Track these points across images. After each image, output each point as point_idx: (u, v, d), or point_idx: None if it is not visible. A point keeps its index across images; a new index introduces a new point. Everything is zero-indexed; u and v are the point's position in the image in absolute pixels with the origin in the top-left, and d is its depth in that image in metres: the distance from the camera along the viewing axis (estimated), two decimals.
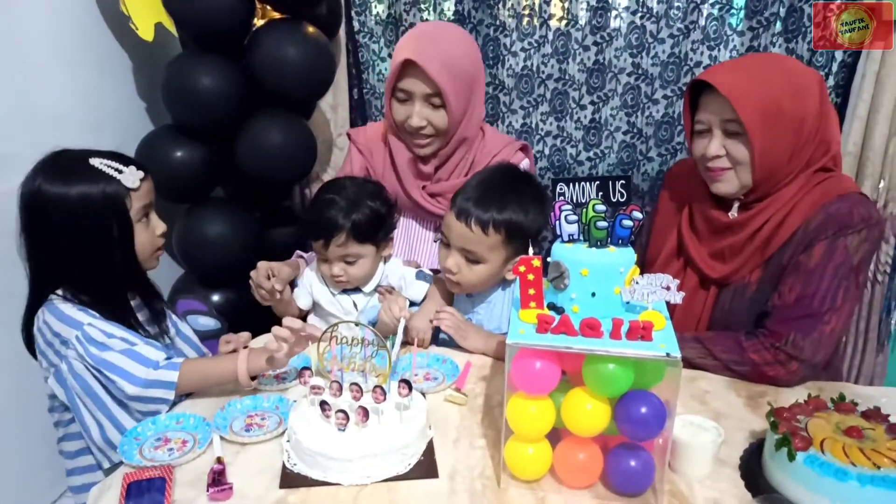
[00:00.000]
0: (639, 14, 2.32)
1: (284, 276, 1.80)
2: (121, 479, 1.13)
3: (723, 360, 1.47)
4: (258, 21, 2.31)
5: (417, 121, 1.75)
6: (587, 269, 1.08)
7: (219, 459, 1.17)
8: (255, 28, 2.22)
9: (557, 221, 1.14)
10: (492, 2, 2.40)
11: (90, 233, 1.38)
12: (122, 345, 1.38)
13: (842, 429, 1.08)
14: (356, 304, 1.80)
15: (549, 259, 1.14)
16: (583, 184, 1.20)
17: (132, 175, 1.40)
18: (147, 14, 2.13)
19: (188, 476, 1.16)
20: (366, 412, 1.15)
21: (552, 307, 1.12)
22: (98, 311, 1.41)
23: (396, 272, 1.79)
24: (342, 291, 1.79)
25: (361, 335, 1.24)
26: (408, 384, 1.17)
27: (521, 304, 1.12)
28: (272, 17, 2.30)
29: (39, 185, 1.37)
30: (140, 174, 1.42)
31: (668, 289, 1.06)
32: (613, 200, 1.20)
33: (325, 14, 2.36)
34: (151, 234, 1.48)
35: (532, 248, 1.17)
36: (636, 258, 1.15)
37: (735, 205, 1.57)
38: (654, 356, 0.99)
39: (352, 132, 2.02)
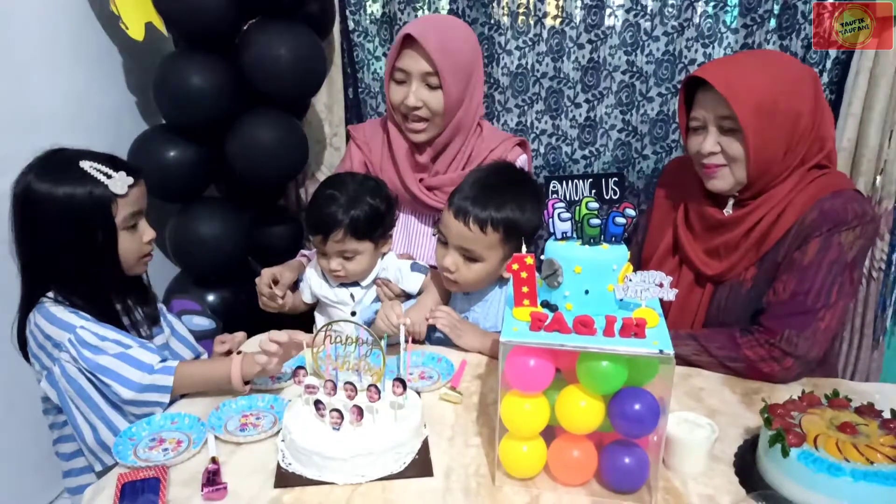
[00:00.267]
0: (633, 12, 2.32)
1: (286, 282, 1.82)
2: (115, 480, 1.13)
3: (718, 357, 1.47)
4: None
5: (413, 100, 1.76)
6: (580, 267, 1.08)
7: (213, 459, 1.17)
8: (246, 27, 2.21)
9: (551, 219, 1.14)
10: (486, 0, 2.40)
11: (73, 235, 1.37)
12: (117, 348, 1.38)
13: (835, 425, 1.09)
14: (353, 296, 1.81)
15: (543, 257, 1.14)
16: (576, 181, 1.20)
17: (121, 181, 1.38)
18: (137, 14, 2.12)
19: (183, 476, 1.16)
20: (360, 411, 1.15)
21: (546, 305, 1.12)
22: (89, 313, 1.41)
23: (392, 265, 1.80)
24: (340, 284, 1.81)
25: (356, 334, 1.24)
26: (402, 383, 1.17)
27: (515, 302, 1.12)
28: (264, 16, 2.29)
29: (29, 182, 1.37)
30: (129, 180, 1.40)
31: (662, 286, 1.06)
32: (606, 198, 1.21)
33: (318, 13, 2.35)
34: (138, 242, 1.46)
35: (525, 247, 1.17)
36: (629, 255, 1.15)
37: (730, 202, 1.57)
38: (648, 353, 1.00)
39: (351, 128, 2.05)
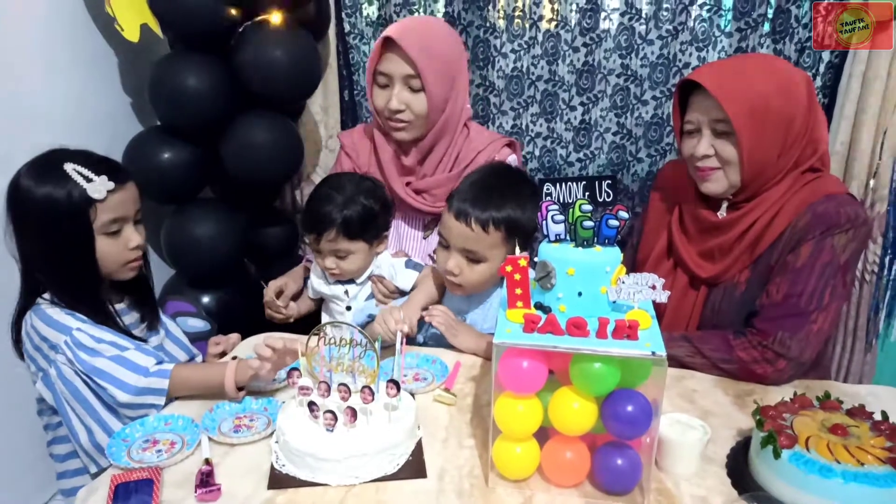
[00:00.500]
0: (628, 16, 2.33)
1: (289, 293, 1.89)
2: (108, 481, 1.13)
3: (711, 359, 1.48)
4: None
5: (396, 103, 1.75)
6: (574, 269, 1.09)
7: (207, 461, 1.17)
8: (242, 28, 2.21)
9: (544, 221, 1.15)
10: (482, 3, 2.40)
11: (51, 236, 1.37)
12: (113, 350, 1.38)
13: (827, 426, 1.09)
14: (347, 293, 1.84)
15: (536, 259, 1.14)
16: (569, 184, 1.21)
17: (101, 185, 1.36)
18: (132, 15, 2.11)
19: (176, 477, 1.16)
20: (354, 412, 1.15)
21: (539, 307, 1.12)
22: (85, 315, 1.41)
23: (386, 262, 1.82)
24: (336, 281, 1.85)
25: (350, 336, 1.24)
26: (396, 384, 1.17)
27: (509, 304, 1.12)
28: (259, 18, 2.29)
29: (18, 179, 1.38)
30: (109, 185, 1.37)
31: (654, 288, 1.06)
32: (600, 200, 1.21)
33: (313, 15, 2.36)
34: (120, 248, 1.43)
35: (519, 248, 1.18)
36: (622, 258, 1.15)
37: (724, 204, 1.58)
38: (640, 355, 1.00)
39: (341, 135, 2.05)
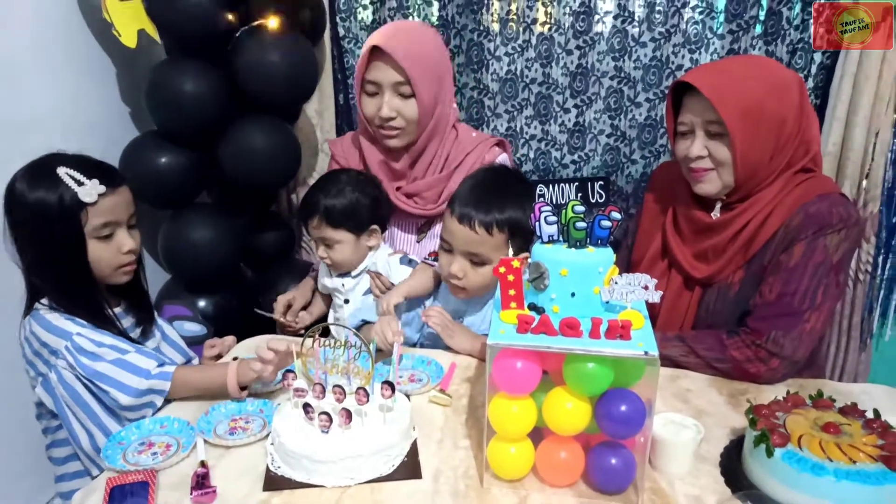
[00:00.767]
0: (621, 18, 2.34)
1: (297, 307, 1.95)
2: (104, 484, 1.13)
3: (705, 358, 1.49)
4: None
5: (387, 111, 1.76)
6: (567, 270, 1.09)
7: (202, 463, 1.17)
8: (238, 33, 2.22)
9: (537, 222, 1.15)
10: (475, 7, 2.41)
11: (43, 239, 1.38)
12: (114, 354, 1.38)
13: (819, 425, 1.10)
14: (344, 285, 1.89)
15: (530, 260, 1.15)
16: (562, 185, 1.21)
17: (92, 189, 1.37)
18: (129, 21, 2.12)
19: (172, 479, 1.16)
20: (349, 414, 1.15)
21: (533, 307, 1.12)
22: (84, 319, 1.41)
23: (383, 258, 1.85)
24: (337, 275, 1.90)
25: (345, 337, 1.24)
26: (390, 385, 1.18)
27: (502, 305, 1.13)
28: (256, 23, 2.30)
29: (13, 183, 1.39)
30: (101, 189, 1.38)
31: (647, 288, 1.07)
32: (592, 201, 1.22)
33: (309, 19, 2.36)
34: (113, 252, 1.44)
35: (518, 249, 1.18)
36: (619, 259, 1.16)
37: (717, 205, 1.58)
38: (633, 354, 1.00)
39: (331, 143, 2.06)
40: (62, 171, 1.36)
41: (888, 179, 2.29)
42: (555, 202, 1.22)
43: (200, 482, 1.12)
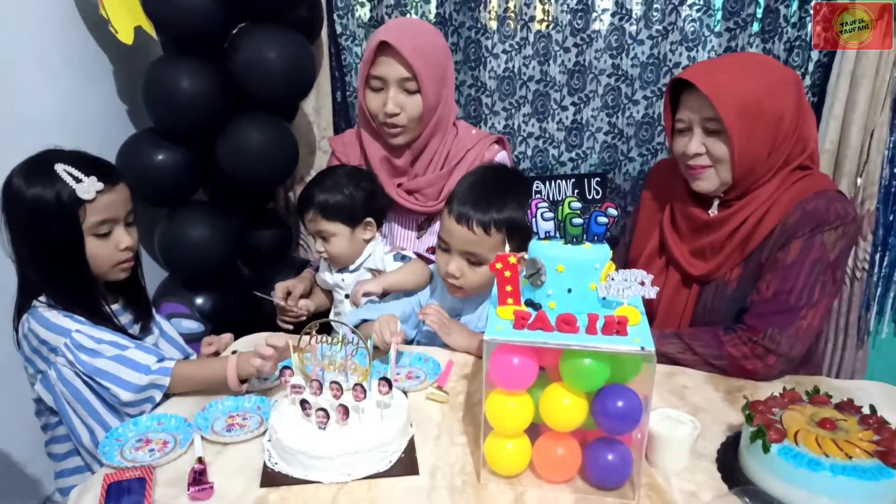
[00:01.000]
0: (619, 16, 2.34)
1: (297, 293, 1.92)
2: (101, 480, 1.13)
3: (702, 355, 1.49)
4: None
5: (392, 107, 1.76)
6: (563, 266, 1.09)
7: (200, 459, 1.18)
8: (236, 31, 2.22)
9: (534, 219, 1.15)
10: (473, 4, 2.41)
11: (40, 236, 1.38)
12: (113, 350, 1.38)
13: (815, 421, 1.10)
14: (344, 280, 1.90)
15: (526, 256, 1.15)
16: (559, 181, 1.21)
17: (90, 186, 1.37)
18: (126, 18, 2.11)
19: (169, 476, 1.16)
20: (346, 410, 1.15)
21: (529, 304, 1.12)
22: (82, 316, 1.41)
23: (378, 254, 1.86)
24: (337, 270, 1.91)
25: (342, 334, 1.24)
26: (387, 382, 1.18)
27: (499, 301, 1.13)
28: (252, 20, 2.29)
29: (11, 178, 1.38)
30: (99, 186, 1.38)
31: (643, 284, 1.07)
32: (589, 197, 1.22)
33: (306, 17, 2.36)
34: (110, 249, 1.44)
35: (515, 248, 1.18)
36: (616, 256, 1.16)
37: (715, 202, 1.59)
38: (629, 350, 1.01)
39: (331, 140, 2.06)
40: (60, 168, 1.36)
41: (885, 177, 2.30)
42: (551, 198, 1.21)
43: (197, 478, 1.12)
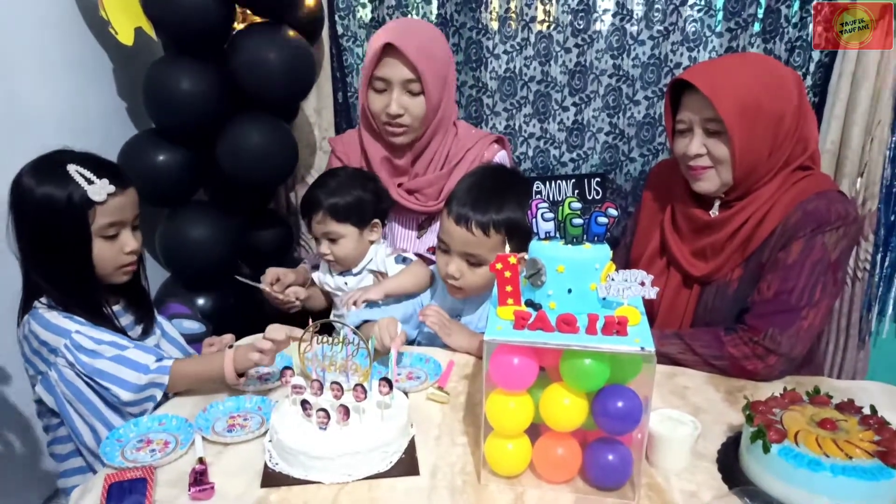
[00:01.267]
0: (620, 16, 2.34)
1: (286, 281, 1.90)
2: (102, 481, 1.13)
3: (702, 355, 1.49)
4: (238, 25, 2.31)
5: (396, 108, 1.76)
6: (563, 266, 1.09)
7: (201, 460, 1.18)
8: (236, 32, 2.22)
9: (534, 219, 1.15)
10: (474, 5, 2.41)
11: (48, 235, 1.38)
12: (113, 350, 1.38)
13: (816, 421, 1.10)
14: (346, 284, 1.89)
15: (527, 256, 1.15)
16: (559, 182, 1.21)
17: (102, 188, 1.38)
18: (126, 19, 2.12)
19: (170, 476, 1.16)
20: (347, 411, 1.16)
21: (529, 304, 1.13)
22: (82, 316, 1.41)
23: (380, 257, 1.86)
24: (339, 273, 1.90)
25: (343, 334, 1.24)
26: (388, 382, 1.18)
27: (499, 301, 1.13)
28: (253, 21, 2.30)
29: (20, 176, 1.39)
30: (110, 188, 1.39)
31: (643, 284, 1.07)
32: (589, 198, 1.22)
33: (306, 17, 2.36)
34: (117, 252, 1.45)
35: (514, 248, 1.18)
36: (618, 256, 1.16)
37: (716, 203, 1.58)
38: (629, 350, 1.01)
39: (331, 140, 2.06)
40: (73, 169, 1.37)
41: (886, 177, 2.29)
42: (552, 199, 1.21)
43: (198, 479, 1.12)
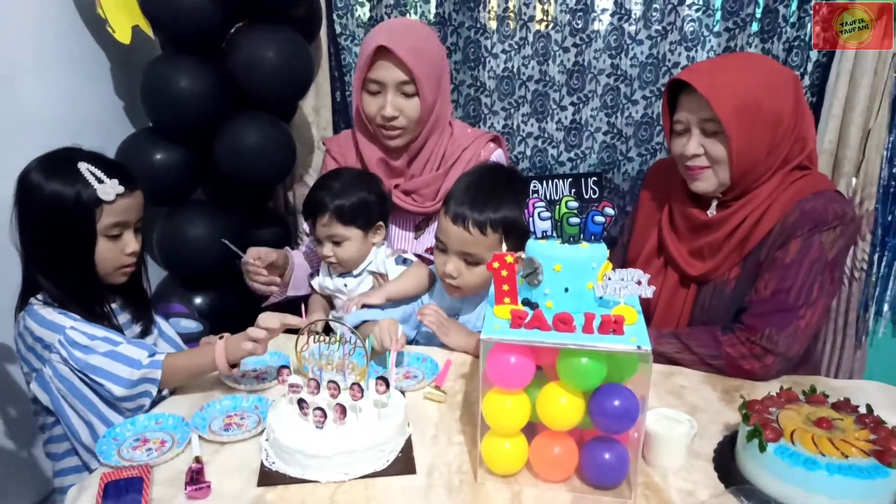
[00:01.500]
0: (618, 16, 2.34)
1: (268, 258, 1.85)
2: (98, 479, 1.13)
3: (699, 355, 1.49)
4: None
5: (390, 110, 1.75)
6: (560, 265, 1.09)
7: (197, 459, 1.18)
8: (234, 30, 2.22)
9: (531, 218, 1.15)
10: (472, 4, 2.41)
11: (54, 231, 1.39)
12: (106, 346, 1.38)
13: (812, 420, 1.10)
14: (346, 286, 1.88)
15: (523, 255, 1.15)
16: (556, 181, 1.21)
17: (111, 188, 1.39)
18: (124, 17, 2.11)
19: (166, 474, 1.16)
20: (343, 409, 1.16)
21: (526, 303, 1.13)
22: (77, 313, 1.41)
23: (380, 258, 1.85)
24: (338, 275, 1.89)
25: (340, 333, 1.24)
26: (385, 381, 1.18)
27: (496, 300, 1.13)
28: (250, 20, 2.29)
29: (28, 171, 1.39)
30: (120, 189, 1.40)
31: (640, 283, 1.07)
32: (586, 197, 1.22)
33: (304, 16, 2.36)
34: (119, 252, 1.46)
35: (510, 247, 1.18)
36: (615, 256, 1.16)
37: (713, 203, 1.59)
38: (626, 349, 1.01)
39: (327, 141, 2.06)
40: (83, 167, 1.37)
41: (884, 177, 2.30)
42: (548, 198, 1.21)
43: (195, 478, 1.12)
